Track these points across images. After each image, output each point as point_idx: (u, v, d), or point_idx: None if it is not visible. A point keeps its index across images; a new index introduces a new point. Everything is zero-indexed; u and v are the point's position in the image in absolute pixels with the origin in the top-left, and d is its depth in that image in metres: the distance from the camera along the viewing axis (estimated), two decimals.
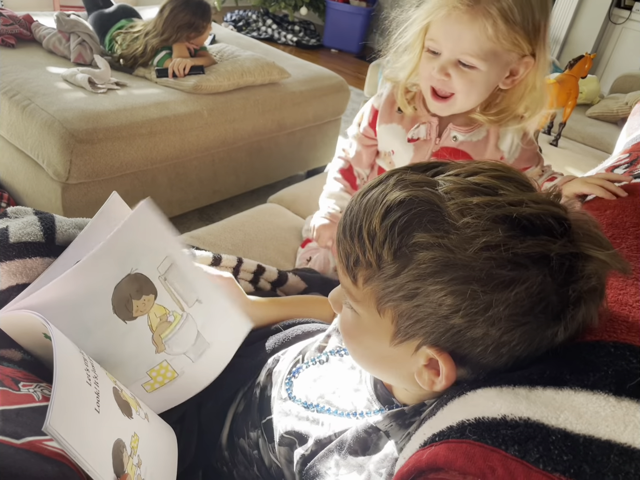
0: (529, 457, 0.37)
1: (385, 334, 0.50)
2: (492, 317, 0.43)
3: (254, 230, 1.36)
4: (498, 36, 0.79)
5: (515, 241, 0.42)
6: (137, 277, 0.66)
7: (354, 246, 0.48)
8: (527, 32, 0.80)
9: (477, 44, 0.81)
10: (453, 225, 0.43)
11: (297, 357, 0.72)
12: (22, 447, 0.46)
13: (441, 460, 0.40)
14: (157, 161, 1.87)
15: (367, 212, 0.47)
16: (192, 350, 0.71)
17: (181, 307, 0.70)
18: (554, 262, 0.42)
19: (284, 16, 4.76)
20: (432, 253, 0.43)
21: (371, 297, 0.49)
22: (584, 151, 2.31)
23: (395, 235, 0.44)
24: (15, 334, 0.63)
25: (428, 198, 0.45)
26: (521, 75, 0.86)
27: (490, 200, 0.43)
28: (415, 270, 0.44)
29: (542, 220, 0.43)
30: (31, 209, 0.73)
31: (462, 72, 0.85)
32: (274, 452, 0.65)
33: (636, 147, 1.11)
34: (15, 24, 2.11)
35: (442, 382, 0.48)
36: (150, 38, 2.06)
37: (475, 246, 0.42)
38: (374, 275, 0.47)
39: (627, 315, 0.48)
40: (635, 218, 0.64)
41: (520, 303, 0.42)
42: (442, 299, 0.44)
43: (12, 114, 1.71)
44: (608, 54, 4.04)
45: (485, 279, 0.42)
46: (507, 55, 0.83)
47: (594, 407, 0.39)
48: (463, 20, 0.80)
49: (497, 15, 0.77)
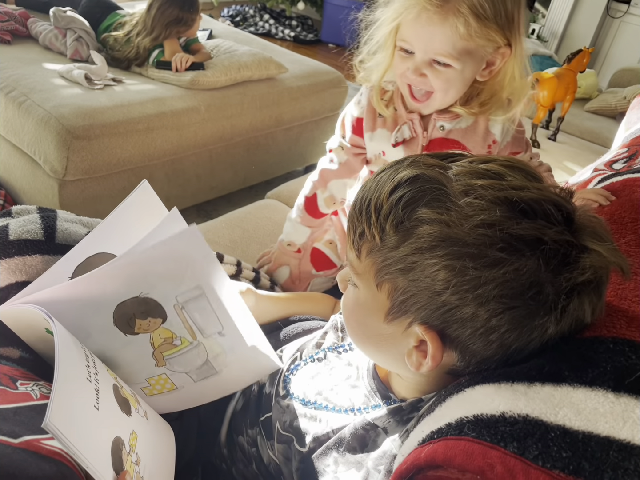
0: (528, 454, 0.37)
1: (381, 310, 0.51)
2: (481, 295, 0.43)
3: (252, 226, 1.36)
4: (471, 34, 0.77)
5: (511, 222, 0.43)
6: (145, 300, 0.61)
7: (362, 219, 0.50)
8: (501, 25, 0.78)
9: (450, 43, 0.79)
10: (455, 204, 0.44)
11: (295, 355, 0.72)
12: (20, 446, 0.46)
13: (440, 458, 0.40)
14: (154, 157, 1.86)
15: (378, 187, 0.49)
16: (196, 373, 0.68)
17: (193, 336, 0.65)
18: (547, 247, 0.42)
19: (281, 11, 4.73)
20: (432, 227, 0.44)
21: (371, 269, 0.50)
22: (582, 146, 2.31)
23: (399, 209, 0.46)
24: (17, 328, 0.63)
25: (436, 177, 0.46)
26: (498, 66, 0.84)
27: (494, 183, 0.45)
28: (414, 243, 0.45)
29: (542, 206, 0.44)
30: (35, 207, 0.73)
31: (438, 72, 0.83)
32: (272, 450, 0.65)
33: (635, 142, 1.11)
34: (12, 20, 2.10)
35: (428, 363, 0.48)
36: (142, 39, 2.04)
37: (471, 223, 0.43)
38: (376, 247, 0.49)
39: (626, 310, 0.48)
40: (633, 214, 0.64)
41: (510, 284, 0.43)
42: (436, 274, 0.45)
43: (9, 110, 1.71)
44: (606, 48, 4.03)
45: (476, 255, 0.43)
46: (482, 50, 0.82)
47: (593, 403, 0.39)
48: (434, 21, 0.78)
49: (468, 13, 0.75)
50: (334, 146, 1.11)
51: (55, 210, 0.74)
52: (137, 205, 0.68)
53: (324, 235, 1.22)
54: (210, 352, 0.66)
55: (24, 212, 0.72)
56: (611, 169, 0.97)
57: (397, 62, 0.88)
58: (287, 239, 1.15)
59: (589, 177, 1.00)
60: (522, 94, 0.89)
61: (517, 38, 0.82)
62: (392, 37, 0.87)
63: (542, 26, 4.18)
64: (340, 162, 1.11)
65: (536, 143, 2.14)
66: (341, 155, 1.10)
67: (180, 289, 0.61)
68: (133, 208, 0.68)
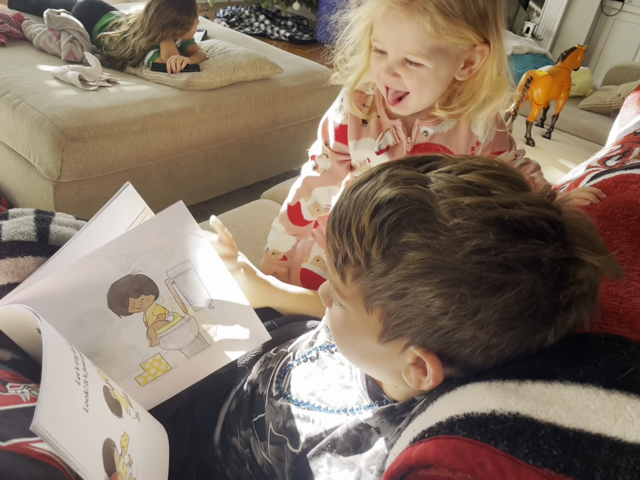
0: (518, 452, 0.37)
1: (373, 332, 0.49)
2: (480, 320, 0.42)
3: (248, 226, 1.35)
4: (439, 32, 0.75)
5: (506, 245, 0.41)
6: (138, 277, 0.65)
7: (343, 243, 0.47)
8: (472, 22, 0.76)
9: (419, 42, 0.77)
10: (443, 226, 0.42)
11: (288, 355, 0.71)
12: (8, 449, 0.45)
13: (430, 457, 0.39)
14: (149, 158, 1.86)
15: (356, 208, 0.46)
16: (188, 348, 0.70)
17: (184, 310, 0.68)
18: (545, 267, 0.41)
19: (276, 11, 4.73)
20: (421, 254, 0.42)
21: (359, 294, 0.48)
22: (577, 143, 2.31)
23: (384, 233, 0.44)
24: (9, 329, 0.62)
25: (418, 196, 0.44)
26: (478, 65, 0.82)
27: (482, 201, 0.42)
28: (404, 270, 0.43)
29: (535, 224, 0.42)
30: (32, 210, 0.72)
31: (410, 72, 0.82)
32: (265, 451, 0.65)
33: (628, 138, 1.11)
34: (6, 23, 2.09)
35: (429, 382, 0.48)
36: (138, 39, 2.04)
37: (465, 249, 0.41)
38: (363, 273, 0.46)
39: (617, 306, 0.48)
40: (625, 210, 0.64)
41: (510, 308, 0.42)
42: (431, 301, 0.43)
43: (3, 112, 1.70)
44: (601, 45, 4.04)
45: (474, 282, 0.41)
46: (455, 48, 0.79)
47: (584, 400, 0.39)
48: (400, 20, 0.76)
49: (435, 10, 0.74)
50: (318, 153, 1.09)
51: (53, 213, 0.74)
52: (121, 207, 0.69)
53: (309, 253, 1.20)
54: (201, 324, 0.69)
55: (20, 215, 0.72)
56: (604, 166, 0.97)
57: (373, 63, 0.87)
58: (272, 248, 1.14)
59: (582, 174, 1.00)
60: (501, 92, 0.86)
61: (494, 36, 0.79)
62: (367, 37, 0.85)
63: (536, 24, 4.19)
64: (324, 169, 1.09)
65: (531, 141, 2.14)
66: (325, 162, 1.08)
67: (170, 264, 0.65)
68: (117, 210, 0.68)
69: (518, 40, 3.49)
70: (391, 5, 0.76)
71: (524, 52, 3.31)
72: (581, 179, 0.96)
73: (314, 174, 1.09)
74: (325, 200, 1.12)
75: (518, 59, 3.18)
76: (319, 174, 1.09)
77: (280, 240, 1.13)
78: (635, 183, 0.75)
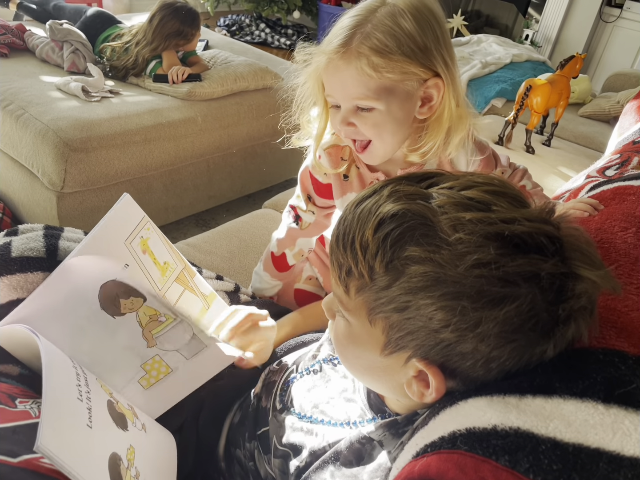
0: (519, 467, 0.37)
1: (376, 344, 0.50)
2: (481, 333, 0.43)
3: (249, 236, 1.36)
4: (379, 71, 0.74)
5: (506, 259, 0.42)
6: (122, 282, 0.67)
7: (347, 257, 0.48)
8: (413, 57, 0.75)
9: (363, 85, 0.76)
10: (445, 241, 0.43)
11: (292, 368, 0.72)
12: (19, 465, 0.46)
13: (433, 471, 0.40)
14: (152, 168, 1.87)
15: (360, 223, 0.47)
16: (186, 349, 0.72)
17: (174, 314, 0.71)
18: (544, 281, 0.42)
19: (277, 20, 4.75)
20: (424, 268, 0.43)
21: (362, 307, 0.49)
22: (577, 150, 2.31)
23: (387, 247, 0.45)
24: (12, 348, 0.63)
25: (421, 212, 0.45)
26: (437, 100, 0.80)
27: (483, 217, 0.44)
28: (406, 283, 0.44)
29: (534, 239, 0.43)
30: (42, 226, 0.73)
31: (364, 118, 0.80)
32: (269, 464, 0.66)
33: (627, 148, 1.12)
34: (8, 34, 2.11)
35: (432, 394, 0.49)
36: (141, 48, 2.06)
37: (466, 263, 0.42)
38: (366, 286, 0.48)
39: (615, 320, 0.49)
40: (623, 222, 0.65)
41: (510, 321, 0.43)
42: (433, 313, 0.44)
43: (6, 123, 1.71)
44: (599, 52, 4.06)
45: (475, 296, 0.42)
46: (403, 85, 0.77)
47: (583, 415, 0.40)
48: (340, 68, 0.76)
49: (369, 52, 0.73)
50: (302, 207, 1.05)
51: (62, 229, 0.74)
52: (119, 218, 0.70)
53: (301, 274, 1.19)
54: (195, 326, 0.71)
55: (29, 230, 0.73)
56: (604, 176, 0.98)
57: (331, 118, 0.86)
58: (258, 293, 1.11)
59: (581, 184, 1.01)
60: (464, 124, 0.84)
61: (442, 66, 0.77)
62: (321, 94, 0.84)
63: (535, 32, 4.21)
64: (309, 222, 1.06)
65: (531, 149, 2.15)
66: (310, 217, 1.05)
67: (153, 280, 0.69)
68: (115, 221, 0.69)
69: (517, 48, 3.50)
70: (329, 57, 0.76)
71: (523, 59, 3.33)
72: (580, 188, 0.97)
73: (298, 227, 1.07)
74: (309, 245, 1.11)
75: (517, 67, 3.20)
76: (303, 228, 1.06)
77: (265, 287, 1.11)
78: (633, 195, 0.75)
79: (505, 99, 2.81)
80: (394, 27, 0.74)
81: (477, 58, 3.22)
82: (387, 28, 0.74)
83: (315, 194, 1.02)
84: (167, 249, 0.76)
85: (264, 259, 1.12)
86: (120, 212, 0.71)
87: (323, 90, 0.83)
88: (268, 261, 1.11)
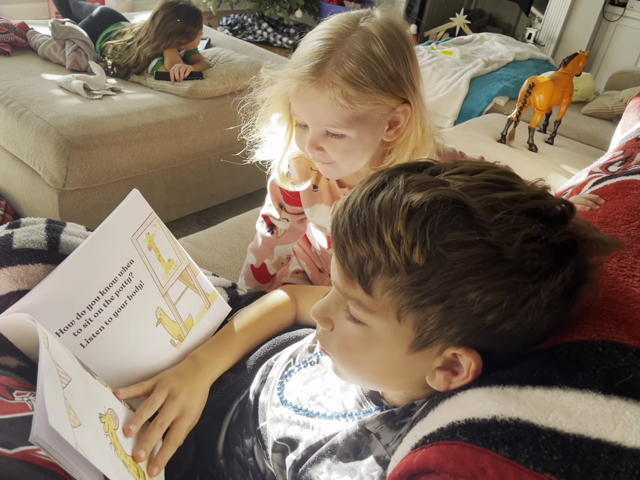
0: (519, 457, 0.37)
1: (403, 342, 0.48)
2: (530, 307, 0.44)
3: (250, 233, 1.36)
4: (353, 102, 0.73)
5: (549, 231, 0.44)
6: None
7: (373, 252, 0.45)
8: (385, 87, 0.74)
9: (335, 114, 0.75)
10: (485, 222, 0.43)
11: (289, 361, 0.72)
12: (15, 457, 0.46)
13: (432, 463, 0.40)
14: (153, 166, 1.87)
15: (384, 216, 0.44)
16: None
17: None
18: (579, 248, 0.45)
19: (279, 19, 4.76)
20: (471, 250, 0.42)
21: (391, 304, 0.46)
22: (580, 148, 2.31)
23: (425, 237, 0.42)
24: (15, 338, 0.63)
25: (451, 197, 0.44)
26: (404, 124, 0.81)
27: (514, 195, 0.45)
28: (450, 270, 0.43)
29: (556, 211, 0.45)
30: (44, 220, 0.73)
31: (334, 144, 0.79)
32: (268, 459, 0.65)
33: (630, 144, 1.11)
34: (11, 32, 2.12)
35: (467, 378, 0.47)
36: (143, 47, 2.06)
37: (517, 239, 0.42)
38: (399, 281, 0.45)
39: (616, 313, 0.48)
40: (626, 216, 0.65)
41: (556, 290, 0.44)
42: (480, 296, 0.43)
43: (8, 121, 1.72)
44: (603, 51, 4.05)
45: (529, 270, 0.43)
46: (374, 114, 0.77)
47: (583, 406, 0.39)
48: (312, 95, 0.75)
49: (343, 83, 0.72)
50: (275, 216, 1.06)
51: (64, 223, 0.74)
52: (127, 213, 0.70)
53: (288, 268, 1.19)
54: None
55: (31, 224, 0.72)
56: (607, 172, 0.97)
57: (297, 137, 0.85)
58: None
59: (584, 180, 1.01)
60: (427, 146, 0.84)
61: (411, 94, 0.78)
62: (287, 112, 0.83)
63: (538, 30, 4.20)
64: (284, 229, 1.07)
65: (533, 147, 2.14)
66: (284, 224, 1.06)
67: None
68: (123, 216, 0.69)
69: (520, 47, 3.50)
70: (301, 83, 0.75)
71: (526, 58, 3.32)
72: (583, 184, 0.97)
73: (272, 235, 1.07)
74: (287, 252, 1.11)
75: (520, 65, 3.19)
76: (279, 237, 1.07)
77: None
78: (637, 189, 0.75)
79: (508, 97, 2.81)
80: (367, 57, 0.73)
81: (480, 56, 3.21)
82: (360, 57, 0.73)
83: (285, 202, 1.03)
84: (172, 246, 0.76)
85: (245, 273, 1.12)
86: (129, 208, 0.71)
87: (289, 108, 0.83)
88: (249, 275, 1.11)
